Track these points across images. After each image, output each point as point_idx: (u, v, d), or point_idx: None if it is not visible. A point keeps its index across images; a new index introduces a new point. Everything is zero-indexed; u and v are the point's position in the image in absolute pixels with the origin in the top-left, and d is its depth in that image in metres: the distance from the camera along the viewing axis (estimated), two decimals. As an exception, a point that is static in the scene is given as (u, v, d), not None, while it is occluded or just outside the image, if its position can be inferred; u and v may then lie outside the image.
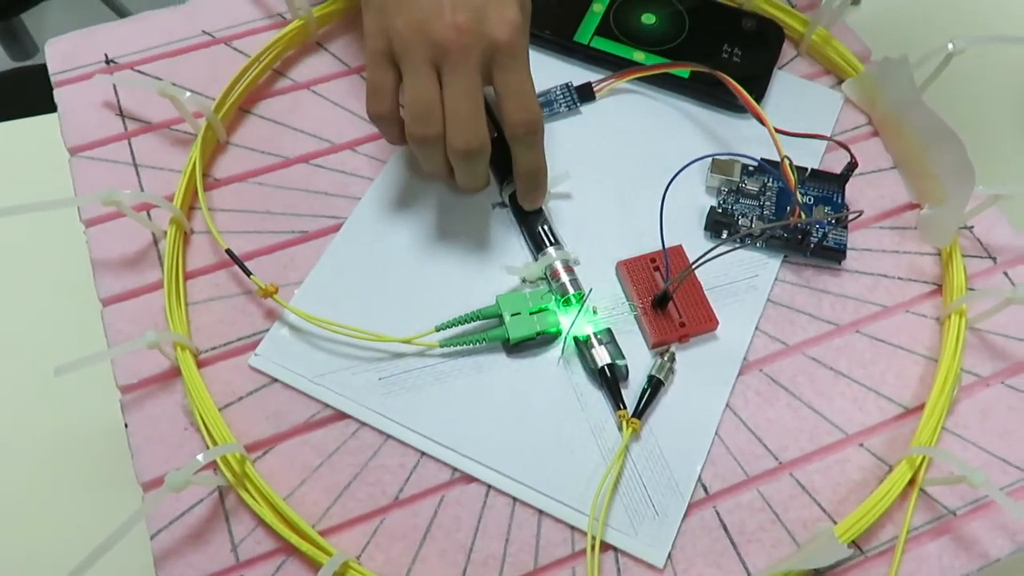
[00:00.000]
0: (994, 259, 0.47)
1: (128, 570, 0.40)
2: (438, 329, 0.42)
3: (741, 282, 0.45)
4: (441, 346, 0.42)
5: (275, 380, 0.42)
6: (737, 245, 0.46)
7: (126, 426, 0.41)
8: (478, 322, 0.43)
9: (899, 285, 0.46)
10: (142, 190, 0.47)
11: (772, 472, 0.41)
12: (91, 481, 0.48)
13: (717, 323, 0.43)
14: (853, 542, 0.39)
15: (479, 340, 0.42)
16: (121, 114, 0.49)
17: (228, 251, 0.44)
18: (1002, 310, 0.43)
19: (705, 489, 0.40)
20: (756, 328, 0.44)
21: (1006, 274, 0.46)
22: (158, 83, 0.46)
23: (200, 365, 0.42)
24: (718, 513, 0.40)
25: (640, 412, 0.41)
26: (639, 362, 0.43)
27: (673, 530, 0.39)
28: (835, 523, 0.39)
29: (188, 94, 0.47)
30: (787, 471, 0.41)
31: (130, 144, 0.48)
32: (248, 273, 0.43)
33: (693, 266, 0.41)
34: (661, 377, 0.42)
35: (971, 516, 0.40)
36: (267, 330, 0.43)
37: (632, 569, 0.38)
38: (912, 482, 0.40)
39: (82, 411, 0.49)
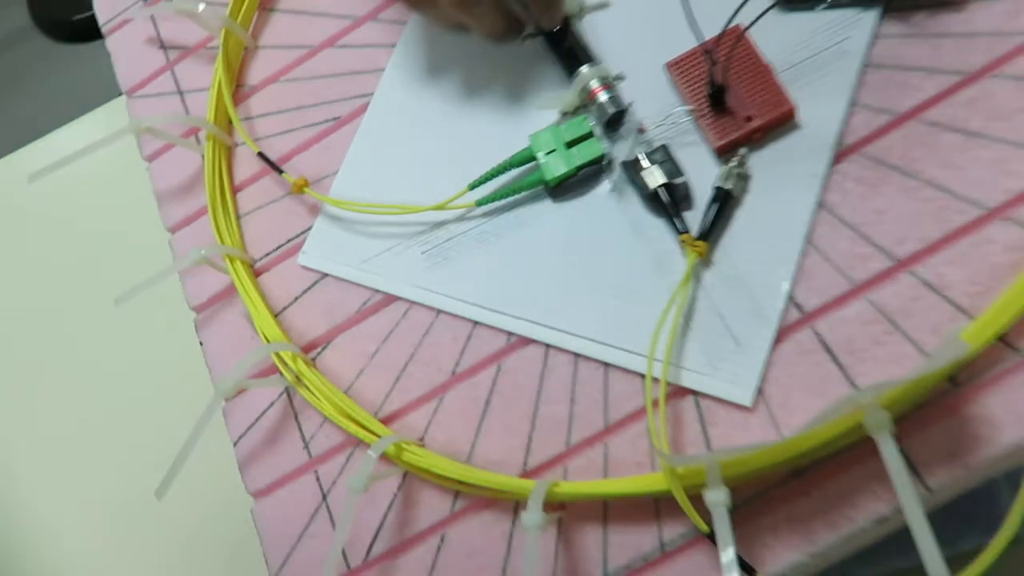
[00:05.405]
0: None
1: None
2: (472, 187, 0.38)
3: (827, 51, 0.36)
4: (478, 205, 0.38)
5: (326, 274, 0.41)
6: (821, 5, 0.37)
7: (201, 344, 0.42)
8: (514, 170, 0.38)
9: (1053, 1, 0.34)
10: (188, 114, 0.47)
11: (886, 273, 0.32)
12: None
13: (792, 107, 0.35)
14: (1002, 339, 0.30)
15: (516, 190, 0.38)
16: (163, 46, 0.49)
17: (260, 154, 0.42)
18: None
19: (799, 308, 0.33)
20: (852, 103, 0.35)
21: None
22: (170, 3, 0.45)
23: (258, 273, 0.42)
24: (818, 334, 0.33)
25: (707, 233, 0.34)
26: (707, 178, 0.36)
27: (759, 361, 0.33)
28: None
29: (203, 5, 0.45)
30: (906, 269, 0.32)
31: (173, 73, 0.48)
32: (280, 171, 0.42)
33: (737, 39, 0.33)
34: (729, 187, 0.34)
35: None
36: (312, 226, 0.42)
37: (716, 412, 0.33)
38: (1082, 252, 0.30)
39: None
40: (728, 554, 0.28)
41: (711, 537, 0.30)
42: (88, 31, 1.22)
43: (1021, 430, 0.29)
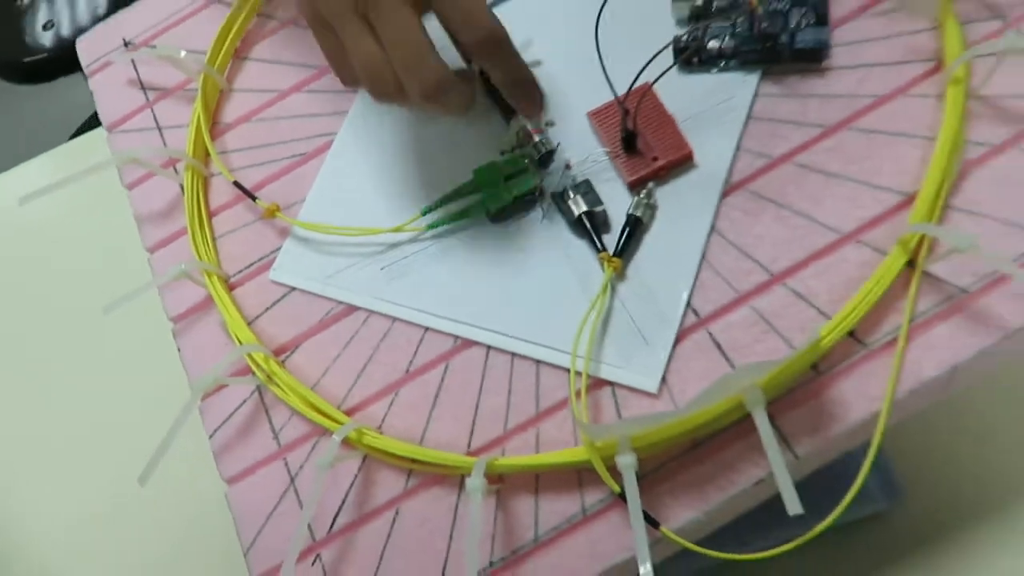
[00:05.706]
0: (1003, 17, 0.42)
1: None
2: (424, 213, 0.45)
3: (718, 106, 0.44)
4: (430, 228, 0.45)
5: (294, 288, 0.46)
6: (714, 68, 0.45)
7: (179, 350, 0.47)
8: (461, 199, 0.45)
9: (893, 71, 0.43)
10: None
11: (764, 285, 0.40)
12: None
13: (690, 150, 0.42)
14: (851, 334, 0.37)
15: (462, 215, 0.44)
16: (143, 87, 0.55)
17: (235, 182, 0.48)
18: (1009, 66, 0.39)
19: (696, 313, 0.40)
20: (738, 148, 0.43)
21: (1021, 31, 0.42)
22: (153, 49, 0.51)
23: (232, 287, 0.47)
24: (711, 334, 0.40)
25: (621, 252, 0.41)
26: (621, 207, 0.43)
27: (663, 356, 0.39)
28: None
29: (184, 53, 0.51)
30: (780, 281, 0.40)
31: (153, 111, 0.54)
32: (253, 198, 0.48)
33: (644, 93, 0.40)
34: (639, 215, 0.42)
35: (987, 291, 0.37)
36: (281, 246, 0.48)
37: (629, 398, 0.39)
38: (911, 264, 0.38)
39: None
40: (635, 507, 0.34)
41: (623, 497, 0.36)
42: (40, 73, 1.25)
43: (867, 409, 0.36)
